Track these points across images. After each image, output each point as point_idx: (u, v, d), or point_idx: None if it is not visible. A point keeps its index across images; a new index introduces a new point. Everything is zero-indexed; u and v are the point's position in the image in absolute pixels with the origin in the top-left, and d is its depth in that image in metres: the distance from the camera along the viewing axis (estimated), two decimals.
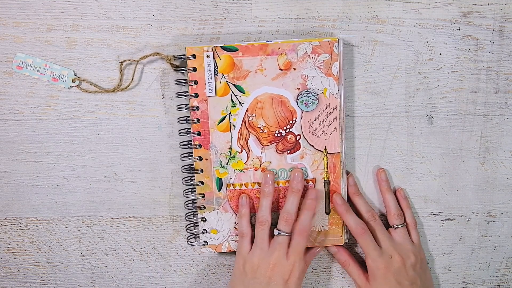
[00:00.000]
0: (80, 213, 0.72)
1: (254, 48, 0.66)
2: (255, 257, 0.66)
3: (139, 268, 0.73)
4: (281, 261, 0.65)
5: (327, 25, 0.69)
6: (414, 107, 0.71)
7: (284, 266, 0.65)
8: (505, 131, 0.71)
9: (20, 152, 0.70)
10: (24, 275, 0.73)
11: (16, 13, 0.68)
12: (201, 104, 0.67)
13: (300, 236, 0.66)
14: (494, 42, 0.70)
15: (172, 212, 0.72)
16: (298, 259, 0.65)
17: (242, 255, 0.67)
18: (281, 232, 0.66)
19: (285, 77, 0.67)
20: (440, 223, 0.73)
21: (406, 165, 0.72)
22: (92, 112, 0.70)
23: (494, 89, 0.71)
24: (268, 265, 0.65)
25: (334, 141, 0.68)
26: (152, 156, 0.71)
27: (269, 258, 0.65)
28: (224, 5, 0.68)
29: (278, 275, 0.65)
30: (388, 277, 0.67)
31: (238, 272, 0.67)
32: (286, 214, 0.66)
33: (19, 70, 0.68)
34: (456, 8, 0.69)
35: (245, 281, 0.65)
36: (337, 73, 0.66)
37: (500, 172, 0.72)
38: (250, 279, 0.65)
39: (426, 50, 0.70)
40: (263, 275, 0.65)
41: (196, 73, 0.66)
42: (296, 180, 0.67)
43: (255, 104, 0.67)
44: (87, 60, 0.69)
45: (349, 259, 0.71)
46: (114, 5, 0.68)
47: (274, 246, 0.65)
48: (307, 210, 0.67)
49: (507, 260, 0.74)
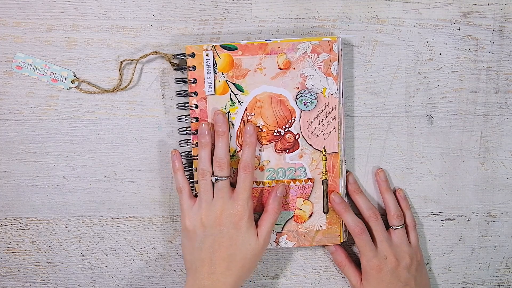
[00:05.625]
0: (80, 213, 0.72)
1: (254, 47, 0.66)
2: (202, 211, 0.64)
3: (139, 268, 0.73)
4: (227, 205, 0.64)
5: (327, 25, 0.69)
6: (414, 107, 0.71)
7: (230, 208, 0.64)
8: (505, 131, 0.71)
9: (20, 152, 0.70)
10: (24, 275, 0.73)
11: (16, 13, 0.68)
12: (200, 102, 0.67)
13: (245, 171, 0.65)
14: (494, 42, 0.70)
15: (172, 212, 0.72)
16: (245, 197, 0.64)
17: (185, 212, 0.66)
18: (218, 178, 0.64)
19: (284, 77, 0.67)
20: (440, 223, 0.73)
21: (406, 165, 0.72)
22: (92, 112, 0.70)
23: (494, 89, 0.71)
24: (216, 213, 0.64)
25: (333, 140, 0.68)
26: (152, 156, 0.71)
27: (215, 207, 0.64)
28: (224, 5, 0.69)
29: (227, 219, 0.63)
30: (381, 278, 0.67)
31: (186, 232, 0.65)
32: (218, 159, 0.64)
33: (19, 70, 0.69)
34: (456, 8, 0.69)
35: (197, 239, 0.64)
36: (337, 73, 0.66)
37: (500, 172, 0.72)
38: (201, 235, 0.64)
39: (426, 50, 0.70)
40: (213, 225, 0.64)
41: (196, 71, 0.66)
42: (219, 122, 0.65)
43: (254, 103, 0.67)
44: (87, 60, 0.69)
45: (346, 259, 0.71)
46: (114, 5, 0.68)
47: (217, 194, 0.64)
48: (247, 146, 0.65)
49: (507, 260, 0.74)
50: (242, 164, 0.65)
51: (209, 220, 0.64)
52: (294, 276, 0.74)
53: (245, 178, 0.65)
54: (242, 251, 0.64)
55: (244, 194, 0.64)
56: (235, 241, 0.64)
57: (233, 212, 0.64)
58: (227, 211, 0.64)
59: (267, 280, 0.74)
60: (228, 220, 0.64)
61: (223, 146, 0.65)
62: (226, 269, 0.63)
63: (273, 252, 0.73)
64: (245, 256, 0.64)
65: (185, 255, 0.66)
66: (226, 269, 0.63)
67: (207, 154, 0.65)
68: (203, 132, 0.66)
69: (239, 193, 0.64)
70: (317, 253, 0.73)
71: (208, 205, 0.64)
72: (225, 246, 0.63)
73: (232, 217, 0.64)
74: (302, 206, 0.69)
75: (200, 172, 0.65)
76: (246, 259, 0.64)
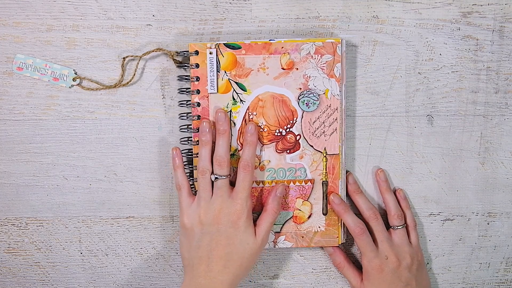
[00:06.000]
0: (80, 213, 0.72)
1: (257, 47, 0.66)
2: (201, 209, 0.64)
3: (139, 268, 0.73)
4: (226, 203, 0.64)
5: (327, 25, 0.69)
6: (414, 107, 0.71)
7: (229, 207, 0.64)
8: (505, 131, 0.71)
9: (20, 152, 0.70)
10: (24, 275, 0.73)
11: (16, 13, 0.68)
12: (203, 100, 0.67)
13: (244, 170, 0.65)
14: (494, 42, 0.70)
15: (172, 212, 0.72)
16: (244, 196, 0.64)
17: (184, 210, 0.66)
18: (218, 176, 0.64)
19: (287, 77, 0.67)
20: (440, 223, 0.73)
21: (406, 165, 0.72)
22: (92, 112, 0.70)
23: (494, 89, 0.71)
24: (214, 212, 0.64)
25: (334, 142, 0.68)
26: (152, 156, 0.71)
27: (213, 205, 0.64)
28: (224, 5, 0.68)
29: (225, 218, 0.63)
30: (382, 278, 0.67)
31: (184, 230, 0.65)
32: (219, 158, 0.64)
33: (20, 71, 0.68)
34: (456, 8, 0.69)
35: (194, 237, 0.64)
36: (339, 75, 0.66)
37: (500, 172, 0.72)
38: (199, 233, 0.64)
39: (426, 50, 0.70)
40: (211, 224, 0.64)
41: (199, 69, 0.66)
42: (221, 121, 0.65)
43: (256, 103, 0.67)
44: (87, 60, 0.69)
45: (344, 261, 0.71)
46: (114, 5, 0.68)
47: (216, 192, 0.64)
48: (248, 145, 0.65)
49: (507, 260, 0.74)
50: (242, 163, 0.65)
51: (207, 218, 0.64)
52: (294, 276, 0.74)
53: (244, 177, 0.65)
54: (240, 250, 0.64)
55: (243, 193, 0.64)
56: (233, 240, 0.64)
57: (231, 211, 0.64)
58: (226, 209, 0.64)
59: (267, 280, 0.74)
60: (226, 218, 0.64)
61: (223, 144, 0.65)
62: (224, 268, 0.63)
63: (273, 252, 0.73)
64: (242, 255, 0.64)
65: (183, 253, 0.66)
66: (224, 268, 0.63)
67: (207, 152, 0.65)
68: (204, 130, 0.65)
69: (238, 192, 0.64)
70: (317, 253, 0.73)
71: (206, 203, 0.64)
72: (222, 244, 0.63)
73: (231, 215, 0.64)
74: (301, 206, 0.69)
75: (200, 170, 0.65)
76: (243, 258, 0.64)
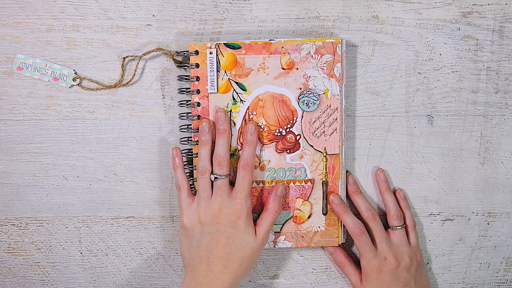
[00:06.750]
0: (80, 213, 0.72)
1: (257, 47, 0.66)
2: (200, 209, 0.64)
3: (139, 268, 0.73)
4: (225, 203, 0.64)
5: (327, 25, 0.69)
6: (414, 107, 0.71)
7: (229, 207, 0.64)
8: (505, 131, 0.71)
9: (20, 152, 0.70)
10: (24, 275, 0.73)
11: (16, 13, 0.68)
12: (203, 100, 0.67)
13: (244, 170, 0.64)
14: (494, 42, 0.70)
15: (172, 212, 0.72)
16: (243, 196, 0.64)
17: (184, 210, 0.66)
18: (217, 176, 0.64)
19: (287, 77, 0.67)
20: (440, 223, 0.73)
21: (406, 165, 0.72)
22: (92, 112, 0.70)
23: (494, 89, 0.71)
24: (214, 211, 0.64)
25: (334, 142, 0.68)
26: (152, 156, 0.71)
27: (213, 205, 0.64)
28: (224, 5, 0.68)
29: (225, 218, 0.63)
30: (381, 279, 0.67)
31: (184, 229, 0.65)
32: (218, 157, 0.64)
33: (20, 71, 0.68)
34: (456, 8, 0.69)
35: (194, 237, 0.64)
36: (340, 75, 0.66)
37: (500, 172, 0.72)
38: (199, 233, 0.64)
39: (426, 50, 0.70)
40: (211, 223, 0.64)
41: (199, 69, 0.66)
42: (221, 120, 0.65)
43: (256, 102, 0.67)
44: (87, 60, 0.69)
45: (345, 259, 0.71)
46: (114, 5, 0.68)
47: (215, 192, 0.64)
48: (248, 145, 0.65)
49: (507, 260, 0.74)
50: (242, 162, 0.65)
51: (207, 218, 0.64)
52: (294, 276, 0.74)
53: (244, 176, 0.65)
54: (240, 249, 0.64)
55: (243, 192, 0.64)
56: (233, 239, 0.64)
57: (231, 211, 0.64)
58: (226, 209, 0.64)
59: (267, 280, 0.74)
60: (226, 218, 0.64)
61: (223, 144, 0.65)
62: (224, 267, 0.63)
63: (273, 252, 0.73)
64: (242, 255, 0.64)
65: (183, 253, 0.66)
66: (224, 267, 0.63)
67: (207, 152, 0.65)
68: (203, 130, 0.65)
69: (238, 191, 0.64)
70: (317, 253, 0.73)
71: (206, 203, 0.64)
72: (222, 244, 0.63)
73: (230, 215, 0.64)
74: (301, 206, 0.69)
75: (199, 170, 0.65)
76: (243, 257, 0.64)
